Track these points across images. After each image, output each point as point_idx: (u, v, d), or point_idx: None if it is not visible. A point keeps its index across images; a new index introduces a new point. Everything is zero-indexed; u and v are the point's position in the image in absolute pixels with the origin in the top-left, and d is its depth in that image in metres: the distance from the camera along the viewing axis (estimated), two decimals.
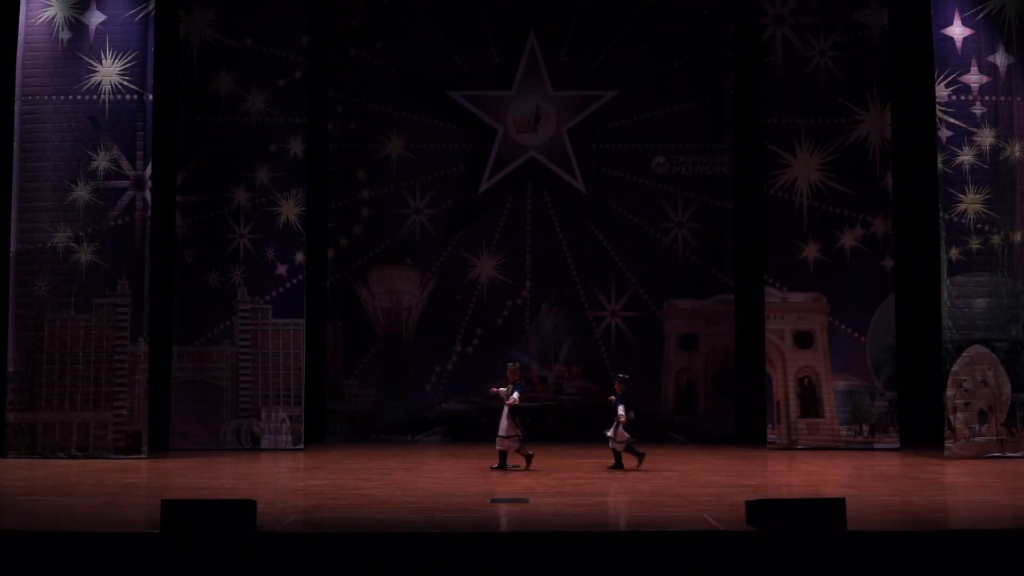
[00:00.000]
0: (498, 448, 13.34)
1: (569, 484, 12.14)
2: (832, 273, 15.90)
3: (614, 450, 13.49)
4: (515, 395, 13.28)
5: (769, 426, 15.93)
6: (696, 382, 17.84)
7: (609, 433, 13.50)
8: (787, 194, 15.88)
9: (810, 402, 15.84)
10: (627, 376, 13.91)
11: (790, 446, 15.68)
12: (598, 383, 17.88)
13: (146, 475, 13.13)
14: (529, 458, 13.41)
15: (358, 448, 16.22)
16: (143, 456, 14.52)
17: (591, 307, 17.95)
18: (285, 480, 13.07)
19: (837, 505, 8.86)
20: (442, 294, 17.91)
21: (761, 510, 8.87)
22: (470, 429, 17.51)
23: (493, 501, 10.71)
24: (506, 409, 13.28)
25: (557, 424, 17.68)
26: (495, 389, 13.68)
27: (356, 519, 9.80)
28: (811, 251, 15.90)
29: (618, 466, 13.41)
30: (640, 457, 13.38)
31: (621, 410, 13.38)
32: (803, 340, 15.95)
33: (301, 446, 15.69)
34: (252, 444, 15.81)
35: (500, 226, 18.00)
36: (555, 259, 17.98)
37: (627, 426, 13.32)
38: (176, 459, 14.62)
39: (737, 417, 17.59)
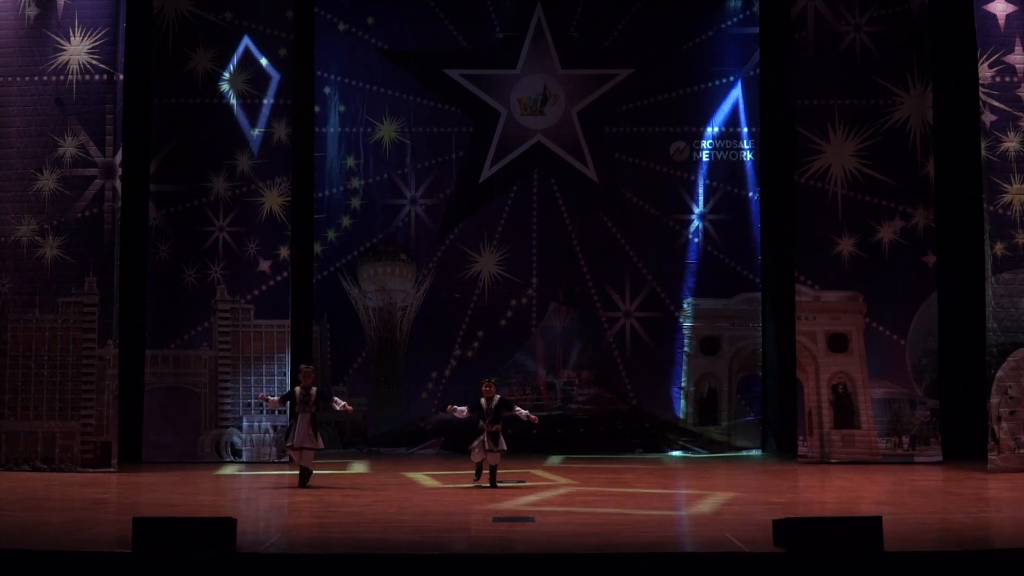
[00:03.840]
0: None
1: (579, 501, 12.19)
2: (869, 270, 15.89)
3: (494, 467, 13.17)
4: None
5: (800, 438, 15.92)
6: (719, 389, 17.85)
7: (503, 447, 13.15)
8: (819, 182, 15.88)
9: (845, 411, 15.84)
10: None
11: (823, 460, 15.69)
12: (611, 390, 17.91)
13: (116, 490, 13.18)
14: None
15: (347, 460, 16.27)
16: (113, 469, 14.58)
17: (604, 307, 17.96)
18: (268, 496, 13.12)
19: (873, 524, 8.90)
20: (440, 293, 17.94)
21: (790, 530, 8.90)
22: (471, 441, 17.51)
23: (496, 520, 10.77)
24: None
25: (566, 435, 17.68)
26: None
27: (345, 539, 9.84)
28: (846, 245, 15.90)
29: (497, 483, 13.17)
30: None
31: (522, 410, 13.33)
32: (837, 343, 15.97)
33: (286, 459, 15.74)
34: (233, 457, 15.87)
35: (504, 218, 18.02)
36: (564, 254, 17.97)
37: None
38: (149, 473, 14.68)
39: (764, 428, 17.63)
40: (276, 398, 14.04)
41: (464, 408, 13.47)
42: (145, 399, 15.88)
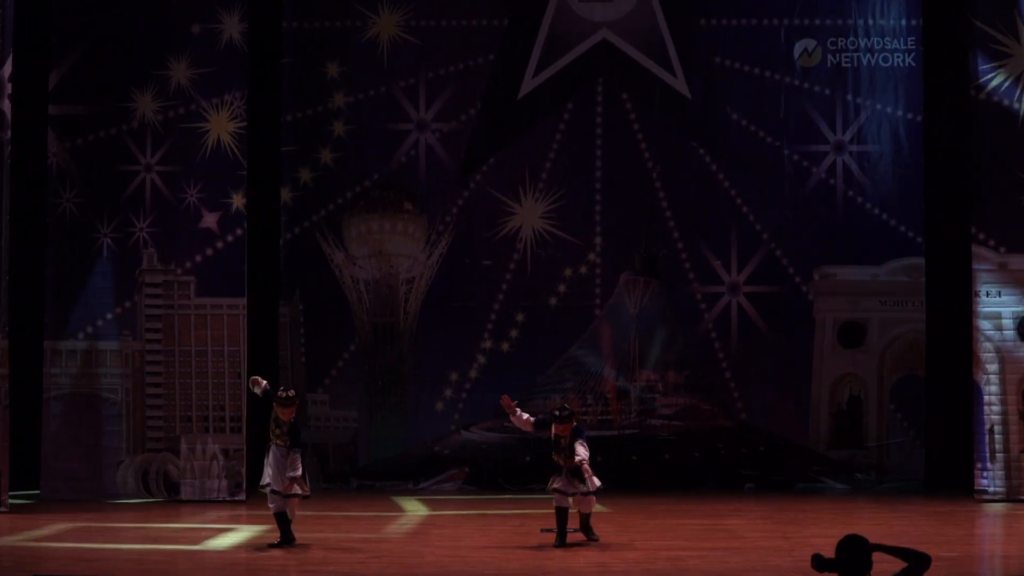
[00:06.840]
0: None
1: (663, 558, 12.42)
2: None
3: (586, 516, 13.09)
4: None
5: (977, 465, 16.14)
6: (865, 396, 18.03)
7: (592, 486, 12.84)
8: (1007, 99, 16.04)
9: None
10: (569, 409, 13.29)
11: (1010, 496, 15.94)
12: (710, 399, 18.09)
13: (7, 537, 13.53)
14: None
15: (331, 500, 16.53)
16: (3, 509, 14.99)
17: (699, 279, 18.09)
18: (219, 552, 13.37)
19: None
20: (461, 258, 18.11)
21: None
22: (504, 471, 17.86)
23: None
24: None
25: (646, 463, 17.97)
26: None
27: None
28: None
29: (592, 536, 13.13)
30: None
31: (583, 451, 12.80)
32: None
33: (242, 497, 16.13)
34: (168, 493, 16.25)
35: (554, 150, 18.15)
36: (641, 202, 18.10)
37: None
38: (51, 513, 15.04)
39: (929, 451, 17.72)
40: (266, 383, 13.13)
41: (528, 417, 13.13)
42: (44, 410, 16.22)
